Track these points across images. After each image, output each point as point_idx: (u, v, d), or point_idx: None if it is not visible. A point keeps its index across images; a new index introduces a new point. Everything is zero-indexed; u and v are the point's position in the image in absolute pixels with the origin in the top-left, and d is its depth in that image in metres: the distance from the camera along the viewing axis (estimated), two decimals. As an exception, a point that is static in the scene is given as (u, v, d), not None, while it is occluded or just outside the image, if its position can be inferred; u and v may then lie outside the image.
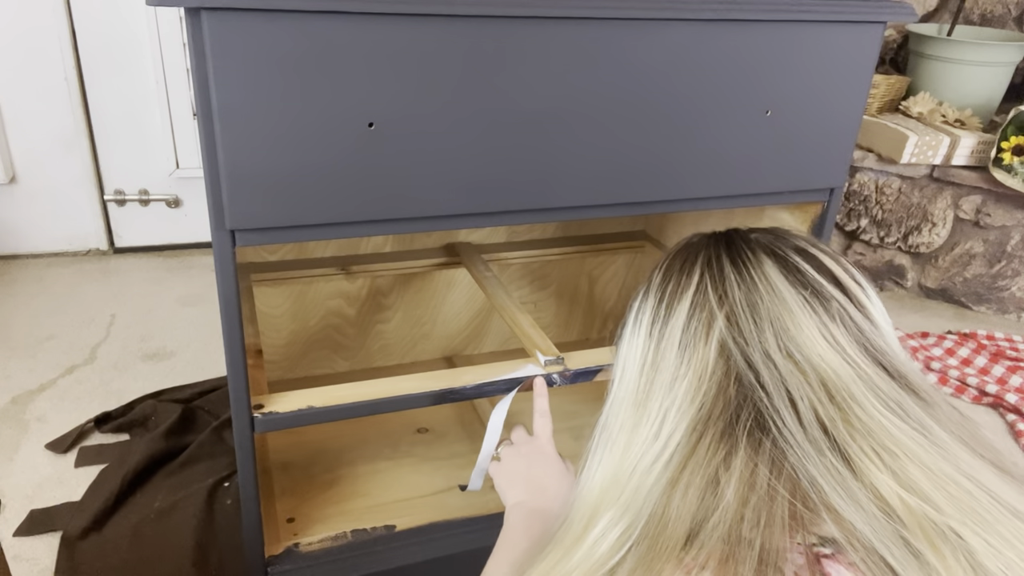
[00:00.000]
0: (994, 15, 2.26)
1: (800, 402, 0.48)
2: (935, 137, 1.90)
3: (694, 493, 0.47)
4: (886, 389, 0.49)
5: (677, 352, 0.52)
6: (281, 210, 0.76)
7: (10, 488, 1.26)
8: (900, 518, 0.43)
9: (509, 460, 0.83)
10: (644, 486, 0.49)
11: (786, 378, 0.49)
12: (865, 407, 0.48)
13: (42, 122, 1.93)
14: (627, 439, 0.53)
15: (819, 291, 0.52)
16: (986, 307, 2.04)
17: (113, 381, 1.55)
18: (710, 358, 0.51)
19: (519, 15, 0.76)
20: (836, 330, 0.51)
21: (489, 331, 1.49)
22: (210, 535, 1.17)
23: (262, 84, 0.70)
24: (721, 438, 0.49)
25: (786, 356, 0.50)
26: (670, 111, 0.86)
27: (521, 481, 0.80)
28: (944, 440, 0.48)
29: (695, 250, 0.57)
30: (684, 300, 0.54)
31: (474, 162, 0.81)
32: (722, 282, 0.54)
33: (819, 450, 0.46)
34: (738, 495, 0.46)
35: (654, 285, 0.57)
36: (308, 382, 1.09)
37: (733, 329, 0.52)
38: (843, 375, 0.49)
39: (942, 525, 0.43)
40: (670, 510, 0.47)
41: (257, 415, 0.86)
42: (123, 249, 2.12)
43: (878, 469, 0.45)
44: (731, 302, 0.52)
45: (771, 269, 0.53)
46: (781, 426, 0.48)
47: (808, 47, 0.89)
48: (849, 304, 0.52)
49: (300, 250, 1.29)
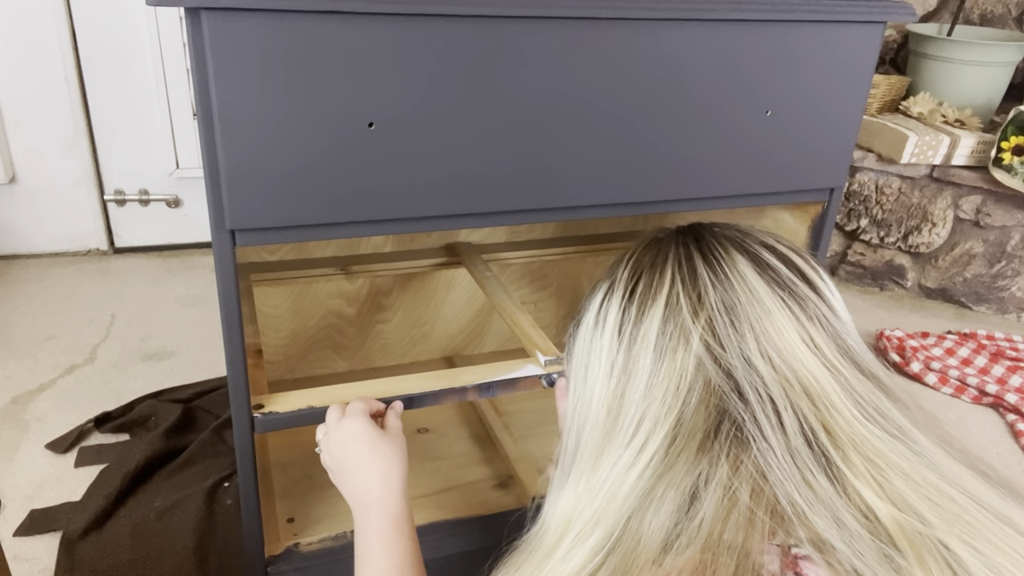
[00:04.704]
0: (994, 15, 2.26)
1: (784, 412, 0.47)
2: (935, 137, 1.90)
3: (669, 508, 0.45)
4: (864, 393, 0.48)
5: (652, 356, 0.50)
6: (281, 210, 0.76)
7: (10, 488, 1.26)
8: (887, 533, 0.43)
9: (327, 453, 0.79)
10: (618, 496, 0.47)
11: (769, 386, 0.47)
12: (846, 416, 0.47)
13: (42, 122, 1.93)
14: (597, 446, 0.50)
15: (794, 291, 0.51)
16: (986, 307, 2.04)
17: (113, 381, 1.55)
18: (689, 365, 0.49)
19: (520, 15, 0.76)
20: (814, 332, 0.50)
21: (489, 331, 1.49)
22: (210, 535, 1.17)
23: (262, 84, 0.70)
24: (699, 452, 0.47)
25: (767, 362, 0.48)
26: (670, 111, 0.86)
27: (341, 475, 0.76)
28: (923, 445, 0.47)
29: (664, 247, 0.54)
30: (659, 300, 0.51)
31: (474, 162, 0.81)
32: (696, 281, 0.51)
33: (802, 464, 0.45)
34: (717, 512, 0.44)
35: (619, 281, 0.54)
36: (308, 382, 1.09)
37: (711, 335, 0.49)
38: (823, 382, 0.48)
39: (930, 538, 0.42)
40: (643, 525, 0.45)
41: (257, 415, 0.86)
42: (123, 249, 2.12)
43: (862, 482, 0.44)
44: (709, 305, 0.50)
45: (745, 267, 0.51)
46: (761, 439, 0.46)
47: (808, 47, 0.89)
48: (821, 303, 0.51)
49: (300, 250, 1.29)
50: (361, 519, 0.73)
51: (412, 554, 0.71)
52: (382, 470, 0.74)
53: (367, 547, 0.71)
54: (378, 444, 0.75)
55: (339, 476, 0.77)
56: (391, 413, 0.83)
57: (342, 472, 0.76)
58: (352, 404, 0.81)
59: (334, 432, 0.78)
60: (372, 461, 0.74)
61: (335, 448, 0.77)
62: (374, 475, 0.74)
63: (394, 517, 0.72)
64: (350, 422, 0.77)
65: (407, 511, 0.74)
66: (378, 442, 0.76)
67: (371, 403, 0.83)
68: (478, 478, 1.18)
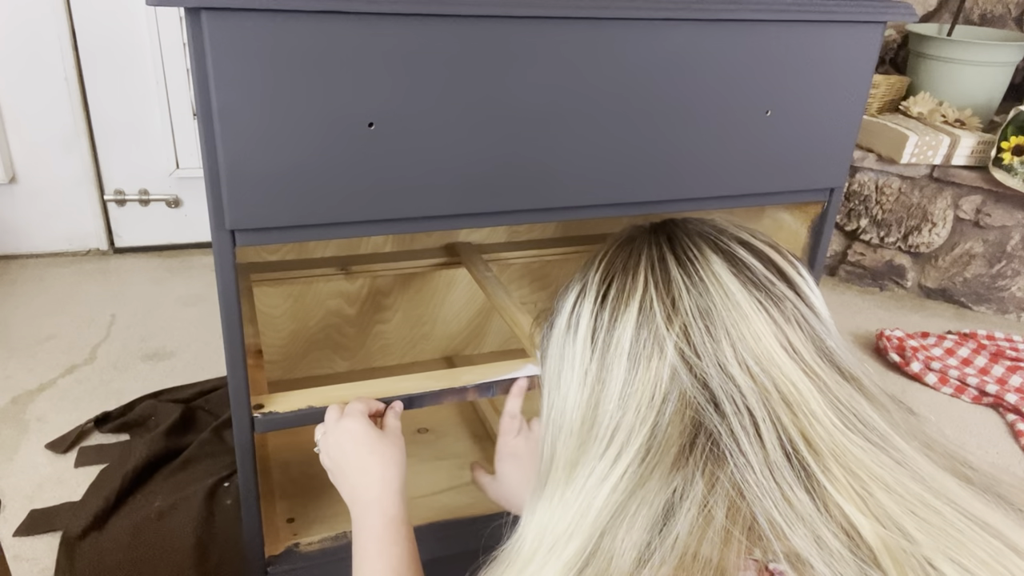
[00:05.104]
0: (994, 15, 2.26)
1: (762, 424, 0.45)
2: (935, 137, 1.90)
3: (642, 525, 0.44)
4: (844, 399, 0.47)
5: (626, 365, 0.48)
6: (281, 210, 0.76)
7: (10, 488, 1.26)
8: (869, 551, 0.41)
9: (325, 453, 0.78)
10: (591, 510, 0.46)
11: (746, 396, 0.46)
12: (826, 426, 0.45)
13: (42, 122, 1.93)
14: (572, 457, 0.49)
15: (771, 291, 0.49)
16: (986, 307, 2.04)
17: (113, 381, 1.55)
18: (664, 375, 0.47)
19: (519, 15, 0.76)
20: (792, 334, 0.48)
21: (489, 331, 1.49)
22: (210, 535, 1.17)
23: (262, 84, 0.70)
24: (673, 467, 0.45)
25: (744, 370, 0.46)
26: (670, 111, 0.86)
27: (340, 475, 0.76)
28: (906, 453, 0.45)
29: (636, 248, 0.53)
30: (631, 306, 0.49)
31: (474, 162, 0.81)
32: (669, 285, 0.50)
33: (780, 479, 0.44)
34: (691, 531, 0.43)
35: (591, 285, 0.52)
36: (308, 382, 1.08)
37: (685, 342, 0.47)
38: (803, 389, 0.46)
39: (915, 556, 0.41)
40: (615, 542, 0.44)
41: (257, 415, 0.86)
42: (123, 249, 2.12)
43: (844, 497, 0.43)
44: (683, 311, 0.48)
45: (720, 268, 0.50)
46: (738, 454, 0.45)
47: (808, 47, 0.89)
48: (799, 302, 0.50)
49: (300, 250, 1.29)
50: (359, 520, 0.73)
51: (409, 555, 0.71)
52: (379, 471, 0.74)
53: (364, 548, 0.71)
54: (376, 445, 0.76)
55: (337, 476, 0.77)
56: (390, 413, 0.83)
57: (340, 472, 0.76)
58: (351, 405, 0.81)
59: (332, 432, 0.78)
60: (370, 462, 0.74)
61: (333, 448, 0.77)
62: (372, 476, 0.74)
63: (391, 518, 0.72)
64: (348, 423, 0.77)
65: (404, 513, 0.74)
66: (376, 443, 0.76)
67: (370, 403, 0.83)
68: (478, 478, 1.18)
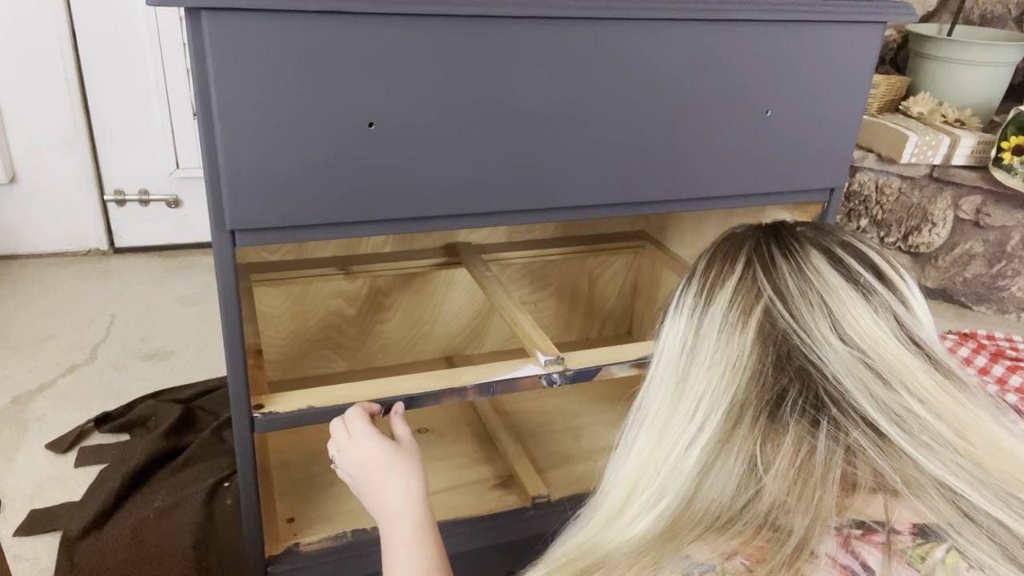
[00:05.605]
0: (994, 15, 2.26)
1: (857, 386, 0.48)
2: (935, 137, 1.90)
3: (726, 479, 0.47)
4: (938, 380, 0.49)
5: (716, 338, 0.53)
6: (281, 210, 0.76)
7: (10, 488, 1.26)
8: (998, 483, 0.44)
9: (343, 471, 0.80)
10: (680, 469, 0.50)
11: (844, 360, 0.49)
12: (920, 395, 0.48)
13: (42, 122, 1.93)
14: (664, 422, 0.53)
15: (867, 285, 0.52)
16: (986, 307, 2.04)
17: (113, 381, 1.55)
18: (747, 344, 0.51)
19: (520, 15, 0.76)
20: (885, 322, 0.51)
21: (489, 331, 1.49)
22: (210, 535, 1.17)
23: (262, 84, 0.70)
24: (755, 423, 0.49)
25: (840, 339, 0.50)
26: (670, 111, 0.86)
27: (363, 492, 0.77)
28: (993, 432, 0.48)
29: (740, 240, 0.57)
30: (727, 286, 0.54)
31: (474, 162, 0.81)
32: (773, 268, 0.54)
33: (879, 435, 0.46)
34: (782, 479, 0.46)
35: (697, 272, 0.57)
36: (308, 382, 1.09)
37: (782, 309, 0.51)
38: (895, 364, 0.49)
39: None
40: (698, 497, 0.48)
41: (257, 415, 0.86)
42: (123, 249, 2.12)
43: (939, 463, 0.45)
44: (779, 284, 0.52)
45: (820, 262, 0.53)
46: (837, 409, 0.48)
47: (808, 47, 0.89)
48: (894, 299, 0.53)
49: (300, 250, 1.29)
50: (386, 529, 0.74)
51: (439, 558, 0.71)
52: (402, 486, 0.75)
53: (394, 555, 0.72)
54: (396, 462, 0.76)
55: (360, 492, 0.78)
56: (396, 419, 0.83)
57: (363, 489, 0.77)
58: (353, 421, 0.80)
59: (347, 451, 0.78)
60: (391, 480, 0.75)
61: (353, 468, 0.78)
62: (395, 490, 0.75)
63: (418, 524, 0.73)
64: (363, 440, 0.78)
65: (430, 517, 0.74)
66: (395, 459, 0.76)
67: (368, 407, 0.83)
68: (478, 478, 1.18)
